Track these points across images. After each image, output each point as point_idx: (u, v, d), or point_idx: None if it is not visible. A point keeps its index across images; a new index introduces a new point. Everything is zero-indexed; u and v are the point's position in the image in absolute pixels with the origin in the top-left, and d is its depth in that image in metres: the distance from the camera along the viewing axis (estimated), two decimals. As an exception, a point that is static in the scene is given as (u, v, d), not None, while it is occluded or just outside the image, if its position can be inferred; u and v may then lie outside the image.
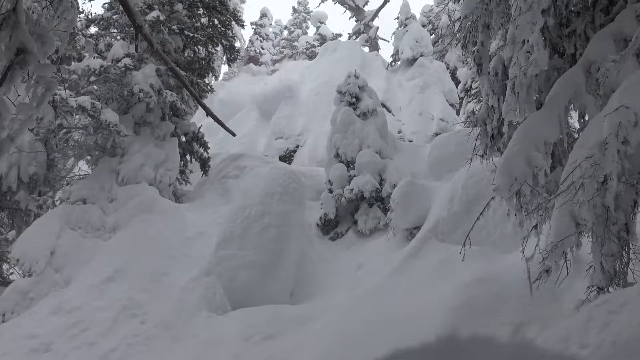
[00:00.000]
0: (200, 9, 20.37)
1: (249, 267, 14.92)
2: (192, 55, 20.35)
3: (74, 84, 17.60)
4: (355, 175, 19.19)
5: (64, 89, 15.76)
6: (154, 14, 18.08)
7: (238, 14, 22.21)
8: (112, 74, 17.39)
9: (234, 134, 4.30)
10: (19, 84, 4.87)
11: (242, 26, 23.83)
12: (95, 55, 18.24)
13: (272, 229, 15.94)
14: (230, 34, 21.32)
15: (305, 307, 13.90)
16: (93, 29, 20.12)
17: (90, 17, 19.34)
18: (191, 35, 19.71)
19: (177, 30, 19.13)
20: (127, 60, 17.74)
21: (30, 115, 4.91)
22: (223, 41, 20.96)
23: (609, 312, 5.72)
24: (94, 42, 18.22)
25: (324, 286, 15.64)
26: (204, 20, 20.75)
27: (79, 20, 17.74)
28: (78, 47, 18.79)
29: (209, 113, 4.23)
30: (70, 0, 5.71)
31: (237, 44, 29.10)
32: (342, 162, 19.78)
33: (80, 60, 18.47)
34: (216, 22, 20.76)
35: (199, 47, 20.33)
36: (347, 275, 15.99)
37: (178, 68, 4.17)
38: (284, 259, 15.63)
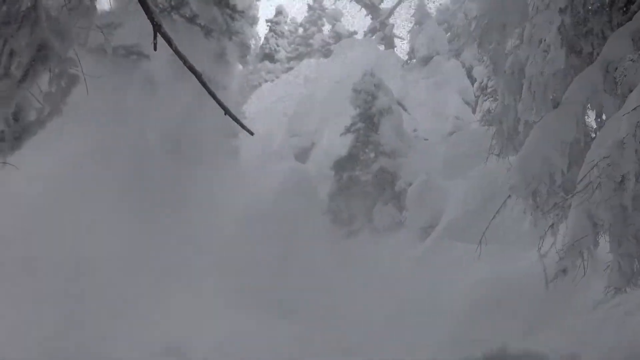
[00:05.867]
0: (211, 5, 19.88)
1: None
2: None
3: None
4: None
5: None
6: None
7: (249, 10, 21.92)
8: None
9: (251, 133, 4.31)
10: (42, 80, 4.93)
11: (253, 22, 23.50)
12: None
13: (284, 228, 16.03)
14: (241, 30, 20.90)
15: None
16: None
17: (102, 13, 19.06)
18: (202, 24, 19.16)
19: (188, 16, 18.76)
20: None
21: (57, 105, 4.99)
22: (234, 38, 20.53)
23: (625, 313, 5.69)
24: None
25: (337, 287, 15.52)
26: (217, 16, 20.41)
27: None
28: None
29: (226, 111, 4.23)
30: (89, -1, 5.73)
31: (252, 41, 28.97)
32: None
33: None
34: (227, 18, 20.38)
35: (210, 37, 19.66)
36: (363, 274, 15.96)
37: (195, 67, 4.19)
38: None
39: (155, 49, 4.51)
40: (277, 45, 43.57)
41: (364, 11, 38.30)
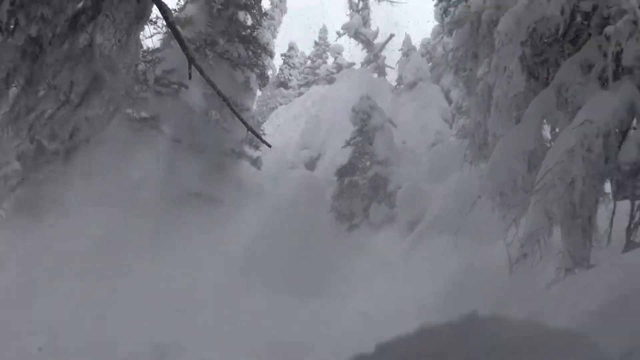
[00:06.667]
0: (237, 43, 20.07)
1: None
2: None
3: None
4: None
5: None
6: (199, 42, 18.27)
7: (268, 46, 22.11)
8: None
9: (269, 145, 4.39)
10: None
11: (271, 56, 23.65)
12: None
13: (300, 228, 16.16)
14: (261, 63, 21.11)
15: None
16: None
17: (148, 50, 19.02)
18: (231, 59, 19.39)
19: (219, 52, 18.98)
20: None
21: (102, 125, 5.03)
22: (255, 70, 20.77)
23: (578, 291, 5.70)
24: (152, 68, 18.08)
25: (343, 272, 15.58)
26: (242, 52, 20.60)
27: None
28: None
29: (249, 128, 4.31)
30: (135, 39, 5.79)
31: (270, 72, 29.05)
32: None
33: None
34: (250, 53, 20.55)
35: (237, 69, 19.89)
36: (362, 260, 16.02)
37: (223, 92, 4.26)
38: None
39: (190, 77, 4.60)
40: (290, 75, 43.69)
41: (360, 46, 38.33)
